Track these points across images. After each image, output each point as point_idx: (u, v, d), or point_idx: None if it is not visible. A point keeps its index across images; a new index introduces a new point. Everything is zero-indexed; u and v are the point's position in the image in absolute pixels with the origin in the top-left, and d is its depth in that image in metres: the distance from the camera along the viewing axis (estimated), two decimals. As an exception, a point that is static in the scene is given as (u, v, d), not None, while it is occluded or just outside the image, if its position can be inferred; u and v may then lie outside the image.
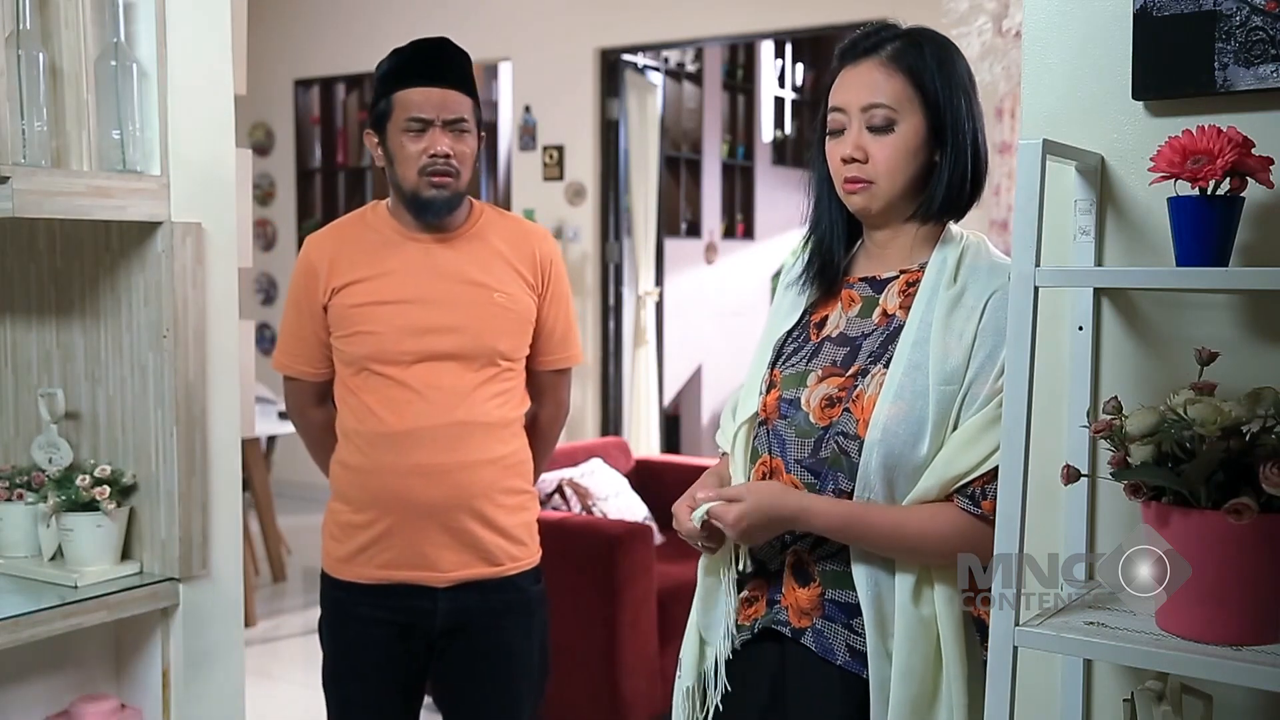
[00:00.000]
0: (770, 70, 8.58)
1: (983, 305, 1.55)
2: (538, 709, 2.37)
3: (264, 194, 7.40)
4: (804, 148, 7.75)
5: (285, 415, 3.20)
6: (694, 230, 7.79)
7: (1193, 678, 1.28)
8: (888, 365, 1.56)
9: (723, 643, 1.67)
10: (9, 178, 1.68)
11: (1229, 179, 1.22)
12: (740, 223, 8.38)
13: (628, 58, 6.29)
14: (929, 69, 1.59)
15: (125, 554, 1.99)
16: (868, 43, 1.62)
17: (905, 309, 1.60)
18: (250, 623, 4.75)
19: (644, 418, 6.41)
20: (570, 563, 3.35)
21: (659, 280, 6.64)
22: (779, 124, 8.75)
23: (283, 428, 5.13)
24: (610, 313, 6.39)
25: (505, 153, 7.14)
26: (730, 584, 1.67)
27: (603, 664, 3.47)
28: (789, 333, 1.72)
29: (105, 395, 2.01)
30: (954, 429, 1.53)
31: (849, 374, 1.60)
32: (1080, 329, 1.42)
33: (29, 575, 1.96)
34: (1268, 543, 1.17)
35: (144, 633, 2.02)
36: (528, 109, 6.44)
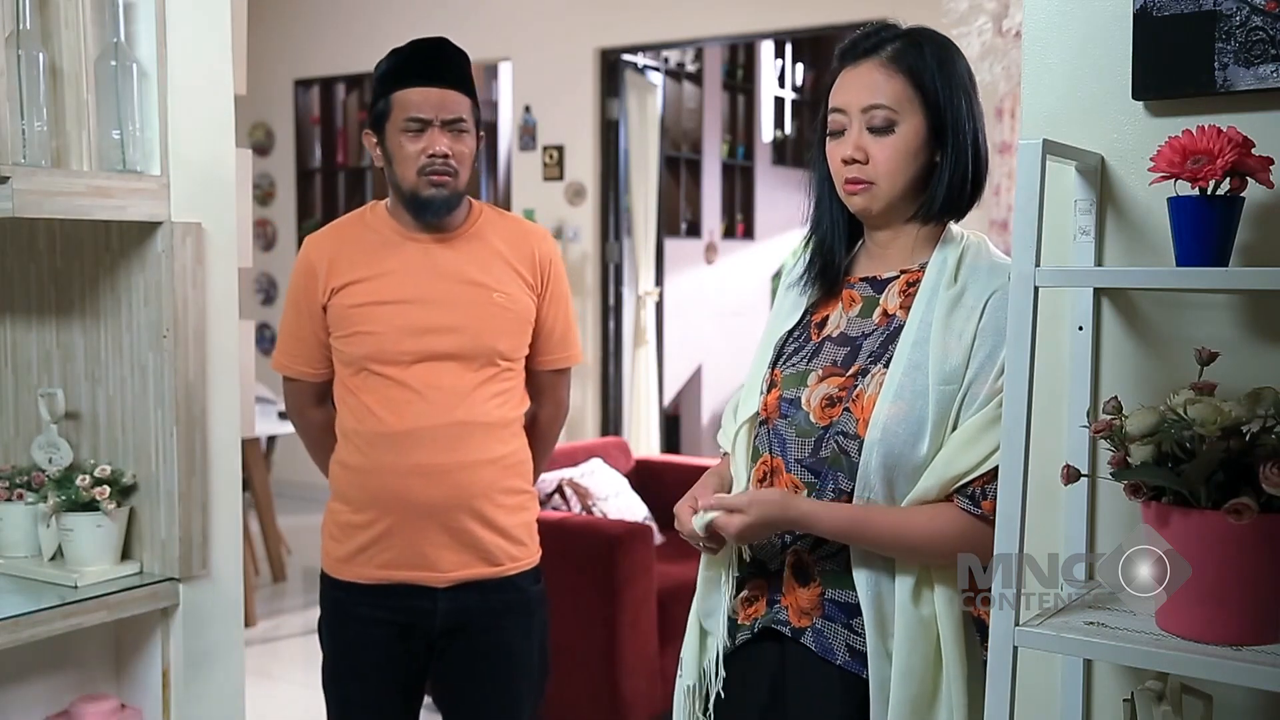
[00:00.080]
0: (770, 70, 8.58)
1: (983, 305, 1.55)
2: (538, 709, 2.37)
3: (264, 194, 7.40)
4: (804, 148, 7.74)
5: (285, 415, 3.20)
6: (694, 230, 7.79)
7: (1193, 678, 1.28)
8: (888, 365, 1.56)
9: (723, 631, 1.67)
10: (9, 178, 1.68)
11: (1229, 179, 1.22)
12: (740, 223, 8.38)
13: (628, 58, 6.29)
14: (929, 69, 1.59)
15: (125, 554, 1.99)
16: (868, 43, 1.62)
17: (905, 309, 1.60)
18: (250, 623, 4.75)
19: (644, 418, 6.41)
20: (570, 563, 3.35)
21: (659, 280, 6.64)
22: (779, 124, 8.75)
23: (283, 428, 5.13)
24: (610, 313, 6.38)
25: (505, 153, 7.14)
26: (730, 578, 1.68)
27: (603, 664, 3.47)
28: (790, 332, 1.72)
29: (105, 395, 2.01)
30: (954, 429, 1.53)
31: (849, 374, 1.60)
32: (1080, 329, 1.42)
33: (29, 575, 1.96)
34: (1268, 543, 1.17)
35: (144, 633, 2.02)
36: (528, 109, 6.44)
